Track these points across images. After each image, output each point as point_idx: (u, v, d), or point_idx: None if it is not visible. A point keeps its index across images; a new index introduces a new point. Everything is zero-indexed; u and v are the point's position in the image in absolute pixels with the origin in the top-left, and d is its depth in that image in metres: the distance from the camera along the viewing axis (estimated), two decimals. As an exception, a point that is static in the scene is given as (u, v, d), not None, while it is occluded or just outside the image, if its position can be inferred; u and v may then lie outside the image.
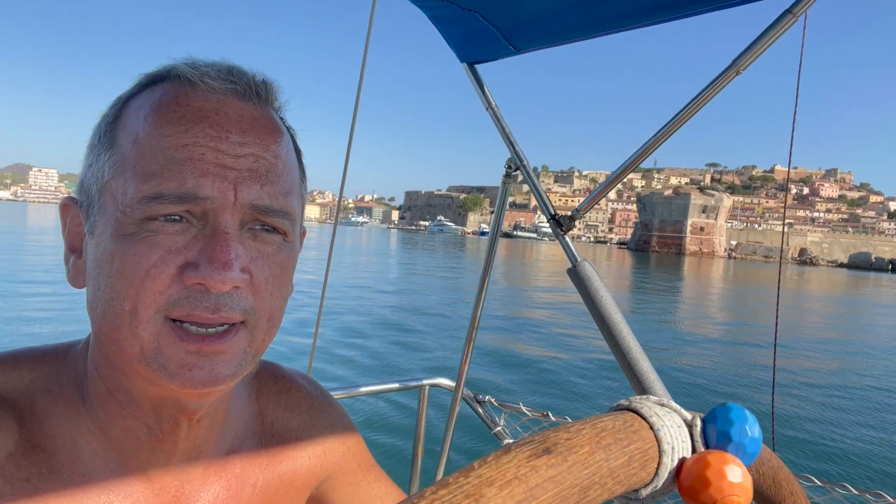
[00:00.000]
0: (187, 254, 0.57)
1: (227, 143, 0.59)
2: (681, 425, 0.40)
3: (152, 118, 0.59)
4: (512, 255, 77.73)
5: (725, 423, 0.41)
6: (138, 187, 0.56)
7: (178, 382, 0.57)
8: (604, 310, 1.57)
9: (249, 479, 0.76)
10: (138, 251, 0.56)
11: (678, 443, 0.39)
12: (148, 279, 0.56)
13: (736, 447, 0.40)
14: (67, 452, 0.62)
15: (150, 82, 0.63)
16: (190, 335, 0.57)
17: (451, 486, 0.28)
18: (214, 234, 0.58)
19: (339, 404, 0.96)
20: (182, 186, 0.56)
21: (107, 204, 0.59)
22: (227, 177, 0.58)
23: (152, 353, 0.57)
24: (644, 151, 1.57)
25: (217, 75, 0.61)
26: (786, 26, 1.31)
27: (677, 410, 0.41)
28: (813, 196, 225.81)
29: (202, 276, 0.56)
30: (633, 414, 0.39)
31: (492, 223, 2.06)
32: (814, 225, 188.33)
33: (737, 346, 17.14)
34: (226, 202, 0.58)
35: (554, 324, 18.68)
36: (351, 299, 20.71)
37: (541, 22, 1.68)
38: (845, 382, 13.24)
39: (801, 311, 29.54)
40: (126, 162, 0.58)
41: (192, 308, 0.57)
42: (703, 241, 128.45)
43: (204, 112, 0.59)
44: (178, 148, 0.57)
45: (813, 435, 8.97)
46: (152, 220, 0.56)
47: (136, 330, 0.57)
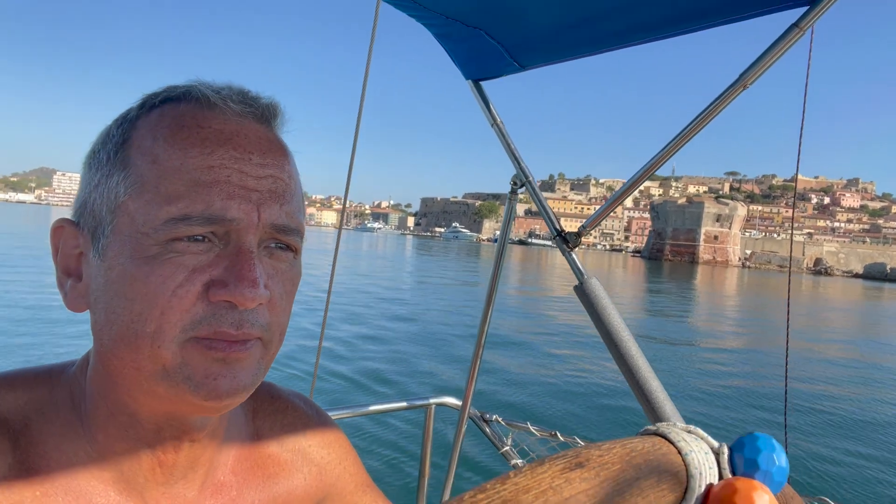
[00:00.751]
0: (212, 272, 0.58)
1: (249, 165, 0.61)
2: (707, 452, 0.41)
3: (173, 140, 0.59)
4: (527, 262, 77.58)
5: (753, 452, 0.41)
6: (164, 209, 0.57)
7: (203, 393, 0.58)
8: (612, 328, 1.55)
9: (246, 499, 0.76)
10: (164, 272, 0.57)
11: (706, 469, 0.39)
12: (174, 299, 0.57)
13: (763, 475, 0.40)
14: (63, 475, 0.62)
15: (159, 102, 0.63)
16: (218, 342, 0.58)
17: (489, 490, 0.29)
18: (240, 253, 0.59)
19: (337, 424, 0.95)
20: (209, 208, 0.57)
21: (122, 225, 0.59)
22: (250, 198, 0.60)
23: (176, 368, 0.58)
24: (651, 167, 1.55)
25: (237, 98, 0.63)
26: (793, 40, 1.30)
27: (704, 438, 0.42)
28: (834, 206, 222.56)
29: (231, 294, 0.57)
30: (661, 438, 0.40)
31: (498, 240, 2.05)
32: (834, 235, 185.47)
33: (748, 363, 16.93)
34: (250, 223, 0.59)
35: (564, 340, 18.55)
36: (358, 309, 20.73)
37: (545, 39, 1.68)
38: (859, 398, 13.02)
39: (814, 325, 29.17)
40: (145, 183, 0.58)
41: (217, 325, 0.58)
42: (717, 250, 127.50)
43: (226, 134, 0.61)
44: (204, 170, 0.58)
45: (828, 460, 8.79)
46: (177, 241, 0.57)
47: (158, 350, 0.57)
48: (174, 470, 0.67)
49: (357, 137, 2.16)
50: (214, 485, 0.73)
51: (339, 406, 2.13)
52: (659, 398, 1.47)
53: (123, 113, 0.65)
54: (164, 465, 0.66)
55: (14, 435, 0.62)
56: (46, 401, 0.65)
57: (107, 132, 0.64)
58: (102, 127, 0.66)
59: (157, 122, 0.61)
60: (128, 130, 0.62)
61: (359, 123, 2.15)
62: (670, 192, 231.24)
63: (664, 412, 1.46)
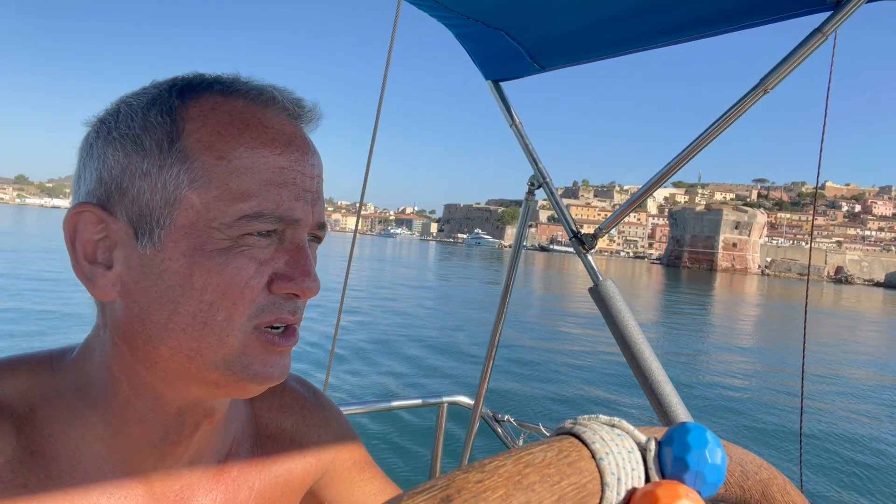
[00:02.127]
0: (274, 265, 0.62)
1: (307, 167, 0.65)
2: (632, 450, 0.35)
3: (241, 138, 0.61)
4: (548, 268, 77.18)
5: (682, 448, 0.35)
6: (237, 206, 0.60)
7: (259, 379, 0.63)
8: (626, 331, 1.55)
9: (246, 482, 0.77)
10: (238, 264, 0.60)
11: (627, 472, 0.34)
12: (247, 289, 0.61)
13: (693, 476, 0.35)
14: (68, 458, 0.62)
15: (206, 93, 0.63)
16: (276, 337, 0.63)
17: None
18: (299, 249, 0.64)
19: (334, 404, 0.97)
20: (280, 208, 0.61)
21: (184, 218, 0.59)
22: (308, 199, 0.64)
23: (236, 357, 0.62)
24: (669, 170, 1.55)
25: (291, 100, 0.66)
26: (815, 45, 1.29)
27: (630, 432, 0.36)
28: (865, 214, 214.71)
29: (297, 287, 0.63)
30: (573, 440, 0.34)
31: (514, 240, 2.05)
32: (864, 244, 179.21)
33: (763, 371, 16.69)
34: (308, 222, 0.64)
35: (578, 342, 18.46)
36: (373, 309, 20.77)
37: (566, 40, 1.67)
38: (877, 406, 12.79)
39: (831, 333, 28.70)
40: (213, 178, 0.60)
41: (279, 312, 0.63)
42: (736, 258, 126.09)
43: (287, 136, 0.64)
44: (276, 170, 0.62)
45: (842, 460, 8.63)
46: (248, 235, 0.61)
47: (225, 338, 0.61)
48: (182, 454, 0.69)
49: (374, 142, 2.15)
50: (217, 467, 0.74)
51: (353, 402, 2.14)
52: (672, 402, 1.47)
53: (155, 96, 0.62)
54: (177, 448, 0.68)
55: (18, 419, 0.62)
56: (49, 385, 0.65)
57: (142, 115, 0.61)
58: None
59: (215, 116, 0.61)
60: (178, 121, 0.61)
61: (376, 128, 2.15)
62: (696, 198, 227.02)
63: (676, 416, 1.45)
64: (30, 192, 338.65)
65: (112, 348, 0.64)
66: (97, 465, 0.64)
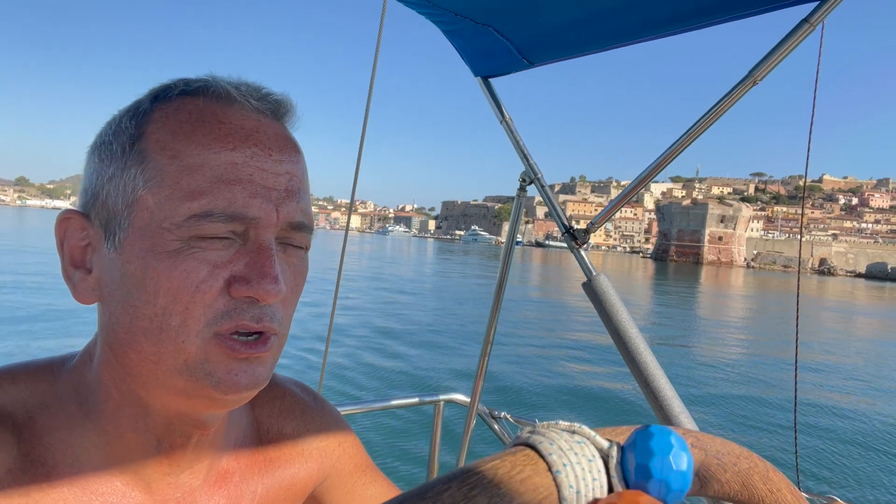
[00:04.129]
0: (233, 268, 0.58)
1: (269, 162, 0.60)
2: (593, 458, 0.33)
3: (194, 135, 0.58)
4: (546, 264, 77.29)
5: (644, 455, 0.33)
6: (185, 205, 0.56)
7: (223, 388, 0.58)
8: (620, 325, 1.53)
9: (249, 487, 0.75)
10: (187, 267, 0.56)
11: (588, 483, 0.31)
12: (198, 294, 0.56)
13: (658, 484, 0.32)
14: (68, 467, 0.61)
15: (175, 95, 0.62)
16: (238, 343, 0.58)
17: None
18: (260, 250, 0.59)
19: (334, 408, 0.95)
20: (232, 206, 0.57)
21: (140, 220, 0.58)
22: (270, 197, 0.59)
23: (198, 364, 0.58)
24: (660, 163, 1.53)
25: (255, 94, 0.62)
26: (803, 35, 1.28)
27: (591, 438, 0.33)
28: (862, 206, 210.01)
29: (254, 290, 0.57)
30: (528, 452, 0.31)
31: (506, 237, 2.02)
32: (860, 236, 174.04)
33: (755, 364, 16.78)
34: (269, 221, 0.59)
35: (574, 338, 18.50)
36: (368, 306, 20.76)
37: (554, 35, 1.65)
38: (869, 398, 12.88)
39: (814, 320, 28.92)
40: (165, 178, 0.57)
41: (239, 319, 0.58)
42: (721, 251, 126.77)
43: (246, 131, 0.60)
44: (227, 166, 0.58)
45: (838, 453, 8.64)
46: (199, 237, 0.57)
47: (182, 344, 0.57)
48: (181, 462, 0.67)
49: (363, 140, 2.14)
50: (218, 473, 0.73)
51: (349, 401, 2.11)
52: (667, 395, 1.44)
53: (134, 104, 0.63)
54: (172, 457, 0.66)
55: (18, 428, 0.61)
56: (49, 393, 0.64)
57: (118, 123, 0.62)
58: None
59: (175, 116, 0.60)
60: (142, 123, 0.60)
61: (365, 125, 2.14)
62: (693, 193, 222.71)
63: (672, 409, 1.43)
64: (31, 193, 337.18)
65: (101, 354, 0.64)
66: (97, 474, 0.63)
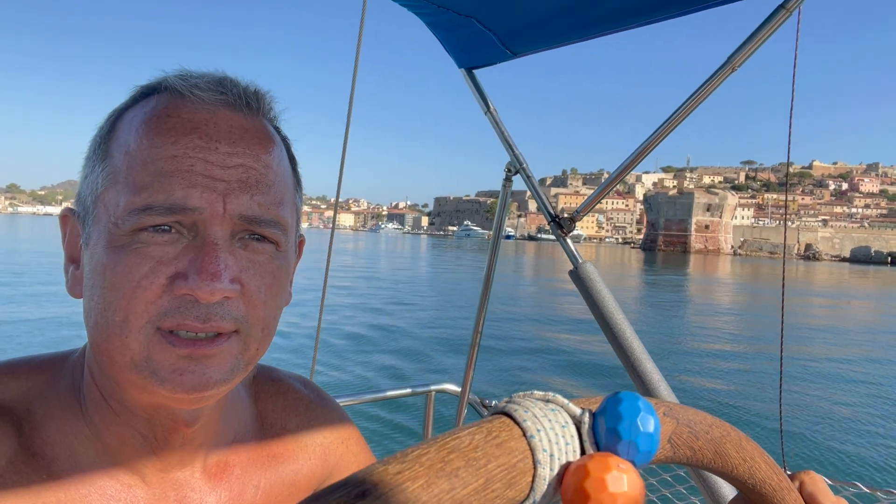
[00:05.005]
0: (177, 264, 0.56)
1: (215, 154, 0.58)
2: (566, 424, 0.34)
3: (143, 130, 0.58)
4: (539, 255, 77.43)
5: (614, 419, 0.34)
6: (129, 199, 0.56)
7: (169, 387, 0.56)
8: (606, 311, 1.53)
9: (252, 480, 0.75)
10: (129, 262, 0.55)
11: (561, 447, 0.33)
12: (139, 290, 0.55)
13: (626, 446, 0.34)
14: (67, 459, 0.61)
15: (142, 95, 0.62)
16: (181, 340, 0.56)
17: None
18: (203, 245, 0.56)
19: (337, 404, 0.95)
20: (170, 198, 0.55)
21: (100, 215, 0.58)
22: (215, 188, 0.57)
23: (143, 361, 0.56)
24: (642, 151, 1.54)
25: (207, 86, 0.60)
26: (780, 21, 1.28)
27: (564, 406, 0.35)
28: (852, 192, 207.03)
29: (191, 287, 0.55)
30: (504, 419, 0.33)
31: (493, 228, 2.01)
32: (850, 221, 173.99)
33: (741, 345, 16.90)
34: (214, 213, 0.56)
35: (563, 325, 18.55)
36: (359, 299, 20.73)
37: (536, 25, 1.64)
38: (851, 374, 13.01)
39: (801, 304, 29.16)
40: (118, 174, 0.58)
41: (182, 318, 0.56)
42: (708, 239, 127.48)
43: (193, 123, 0.58)
44: (168, 159, 0.56)
45: (823, 435, 8.73)
46: (142, 231, 0.55)
47: (126, 340, 0.56)
48: (173, 456, 0.66)
49: (347, 137, 2.12)
50: (219, 466, 0.72)
51: (340, 393, 2.10)
52: (653, 379, 1.45)
53: (116, 106, 0.64)
54: (160, 453, 0.65)
55: (18, 421, 0.61)
56: (48, 387, 0.65)
57: (100, 125, 0.64)
58: None
59: (135, 114, 0.60)
60: (114, 123, 0.62)
61: (348, 123, 2.12)
62: (685, 182, 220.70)
63: (659, 392, 1.44)
64: (22, 200, 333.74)
65: (88, 349, 0.65)
66: (95, 467, 0.62)
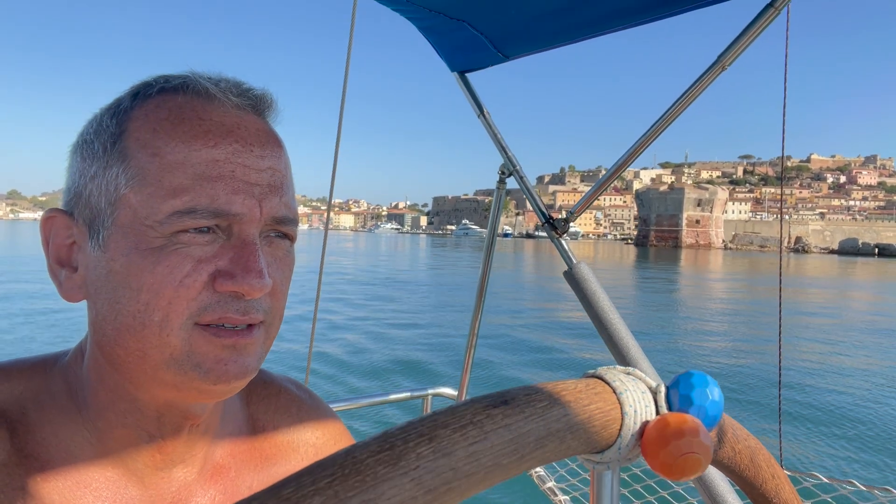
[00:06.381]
0: (217, 263, 0.57)
1: (251, 158, 0.59)
2: (645, 391, 0.39)
3: (174, 132, 0.58)
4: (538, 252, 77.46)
5: (687, 388, 0.40)
6: (168, 202, 0.56)
7: (213, 378, 0.58)
8: (601, 312, 1.51)
9: (244, 482, 0.74)
10: (171, 262, 0.56)
11: (641, 407, 0.38)
12: (181, 288, 0.56)
13: (697, 409, 0.39)
14: (62, 461, 0.61)
15: (155, 93, 0.61)
16: (226, 331, 0.58)
17: (408, 428, 0.28)
18: (245, 245, 0.58)
19: (328, 406, 0.94)
20: (214, 202, 0.56)
21: (123, 218, 0.57)
22: (253, 193, 0.59)
23: (184, 356, 0.57)
24: (635, 150, 1.53)
25: (230, 89, 0.61)
26: (769, 20, 1.29)
27: (642, 378, 0.40)
28: (850, 184, 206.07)
29: (238, 285, 0.57)
30: (597, 380, 0.39)
31: (487, 230, 1.99)
32: (848, 214, 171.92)
33: (739, 340, 16.92)
34: (253, 217, 0.59)
35: (559, 326, 18.55)
36: (353, 300, 20.68)
37: (527, 28, 1.63)
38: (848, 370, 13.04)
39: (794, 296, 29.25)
40: (147, 176, 0.57)
41: (224, 312, 0.57)
42: (699, 234, 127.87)
43: (227, 127, 0.59)
44: (209, 163, 0.57)
45: (820, 433, 8.71)
46: (184, 232, 0.56)
47: (166, 338, 0.56)
48: (173, 455, 0.66)
49: (339, 137, 2.10)
50: (213, 468, 0.72)
51: (336, 398, 2.08)
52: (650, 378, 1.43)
53: (115, 102, 0.62)
54: (164, 450, 0.65)
55: (11, 424, 0.61)
56: (42, 389, 0.64)
57: (98, 122, 0.61)
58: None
59: (155, 114, 0.59)
60: (123, 121, 0.60)
61: (340, 122, 2.11)
62: (683, 178, 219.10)
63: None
64: (23, 206, 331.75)
65: (91, 351, 0.63)
66: (90, 468, 0.62)
